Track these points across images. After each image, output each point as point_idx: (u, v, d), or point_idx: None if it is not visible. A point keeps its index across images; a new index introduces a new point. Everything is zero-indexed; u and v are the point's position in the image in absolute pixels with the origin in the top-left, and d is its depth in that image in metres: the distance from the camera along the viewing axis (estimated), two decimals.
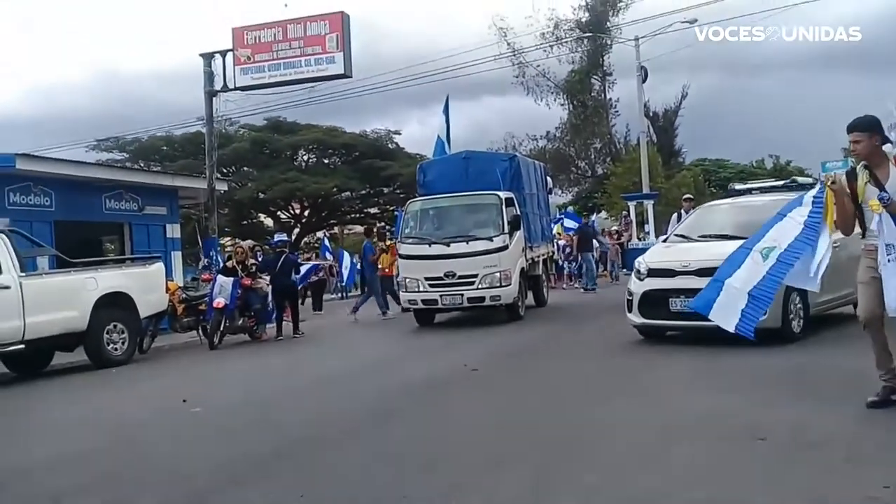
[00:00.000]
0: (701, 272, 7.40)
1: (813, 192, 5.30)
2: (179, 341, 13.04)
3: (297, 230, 37.74)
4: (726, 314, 5.48)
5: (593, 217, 27.90)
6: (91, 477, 4.86)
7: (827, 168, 37.60)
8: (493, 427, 5.48)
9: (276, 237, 15.46)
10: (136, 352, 11.17)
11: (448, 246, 12.22)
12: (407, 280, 12.69)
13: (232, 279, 12.27)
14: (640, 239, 28.42)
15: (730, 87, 64.69)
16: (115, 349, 10.71)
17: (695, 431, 4.90)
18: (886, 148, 5.07)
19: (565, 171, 41.11)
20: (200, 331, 12.91)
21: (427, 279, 12.27)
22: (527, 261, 13.45)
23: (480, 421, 5.69)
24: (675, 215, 14.84)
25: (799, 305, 8.11)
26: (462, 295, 12.13)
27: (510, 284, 12.19)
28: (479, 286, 12.04)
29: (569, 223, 23.27)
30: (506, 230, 12.26)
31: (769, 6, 24.86)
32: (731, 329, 5.48)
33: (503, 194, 12.78)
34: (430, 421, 5.90)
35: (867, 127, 4.99)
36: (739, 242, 6.70)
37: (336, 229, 41.51)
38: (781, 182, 10.12)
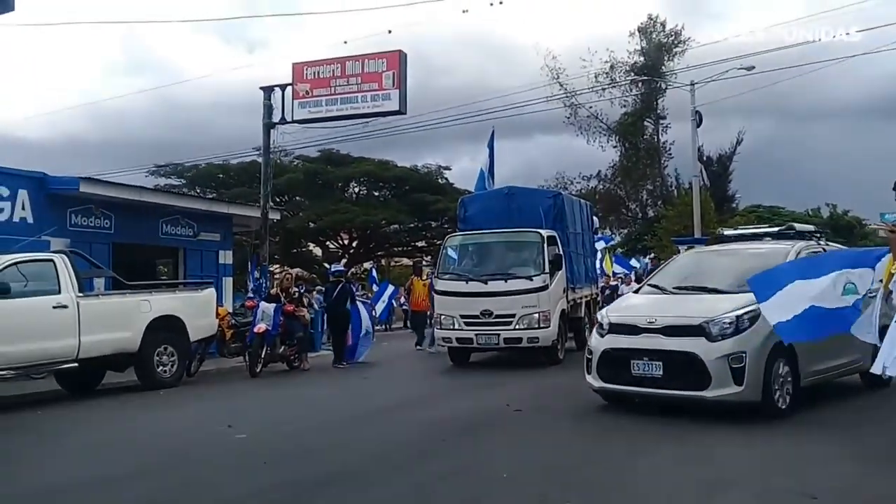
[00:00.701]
0: (668, 331, 6.91)
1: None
2: (226, 366, 13.22)
3: (344, 260, 38.16)
4: (782, 309, 5.68)
5: (645, 259, 27.40)
6: (133, 500, 4.94)
7: (886, 218, 36.70)
8: (536, 468, 5.42)
9: (334, 267, 15.62)
10: (184, 375, 11.37)
11: (486, 283, 11.91)
12: (442, 317, 12.34)
13: (274, 305, 12.38)
14: None
15: (786, 133, 63.90)
16: (165, 371, 10.92)
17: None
18: None
19: (615, 212, 40.85)
20: (247, 356, 13.08)
21: (463, 317, 11.94)
22: (568, 302, 12.99)
23: (523, 461, 5.63)
24: None
25: (785, 373, 6.78)
26: (499, 335, 11.77)
27: (549, 326, 11.79)
28: (517, 326, 11.68)
29: (617, 268, 22.82)
30: (546, 269, 11.91)
31: (824, 56, 24.49)
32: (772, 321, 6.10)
33: (545, 232, 12.40)
34: (472, 459, 5.86)
35: None
36: (719, 298, 7.16)
37: (383, 261, 41.82)
38: (776, 228, 9.12)
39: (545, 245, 12.14)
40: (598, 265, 18.41)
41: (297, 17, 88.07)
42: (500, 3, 20.97)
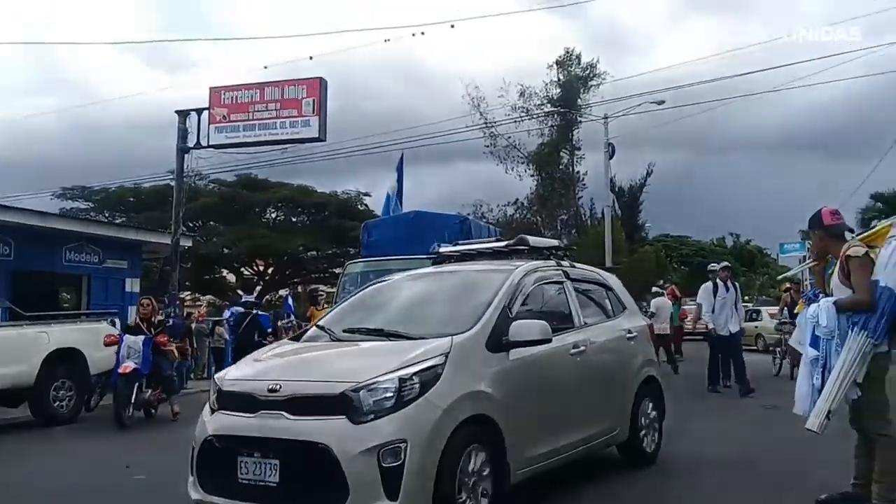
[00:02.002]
0: (294, 405, 4.28)
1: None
2: None
3: (259, 287, 37.43)
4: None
5: None
6: None
7: (785, 249, 38.65)
8: None
9: (244, 298, 15.26)
10: (82, 410, 10.88)
11: None
12: None
13: (142, 338, 10.43)
14: None
15: (695, 165, 66.90)
16: (62, 406, 10.44)
17: None
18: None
19: None
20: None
21: None
22: None
23: None
24: (706, 286, 12.52)
25: (478, 469, 4.47)
26: None
27: None
28: None
29: None
30: None
31: (734, 92, 25.80)
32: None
33: None
34: None
35: (809, 225, 5.17)
36: (396, 347, 4.77)
37: (300, 288, 41.21)
38: (504, 243, 6.74)
39: None
40: None
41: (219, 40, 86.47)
42: (423, 34, 21.27)
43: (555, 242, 7.35)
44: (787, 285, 16.16)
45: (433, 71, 69.82)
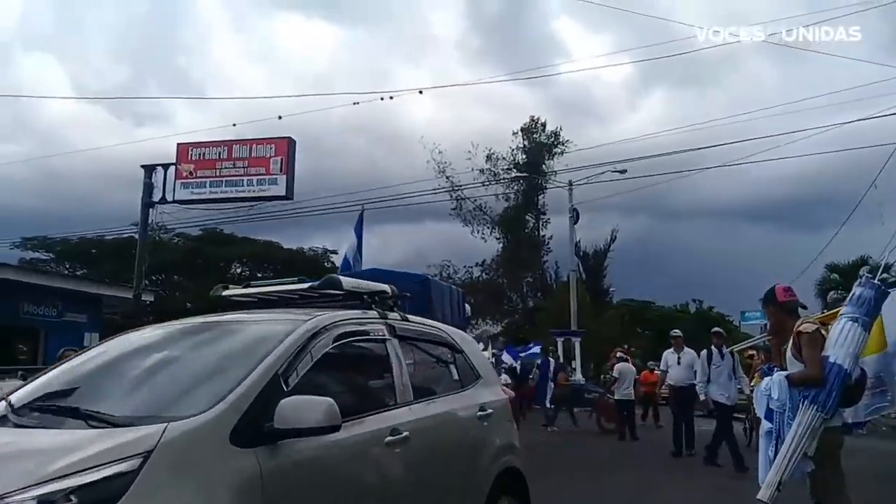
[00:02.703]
0: None
1: None
2: None
3: None
4: None
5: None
6: None
7: (746, 317, 39.35)
8: None
9: None
10: None
11: None
12: None
13: None
14: (568, 375, 28.68)
15: (658, 231, 68.18)
16: None
17: None
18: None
19: (497, 301, 41.74)
20: None
21: None
22: None
23: None
24: (669, 352, 13.09)
25: None
26: None
27: None
28: None
29: (506, 359, 22.39)
30: None
31: (695, 163, 26.55)
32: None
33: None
34: None
35: (763, 301, 5.34)
36: (79, 437, 2.92)
37: None
38: (307, 285, 4.89)
39: None
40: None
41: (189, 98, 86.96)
42: (391, 98, 21.73)
43: (384, 287, 4.99)
44: (751, 352, 16.24)
45: (401, 132, 70.82)
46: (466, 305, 16.58)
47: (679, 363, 12.65)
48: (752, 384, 10.26)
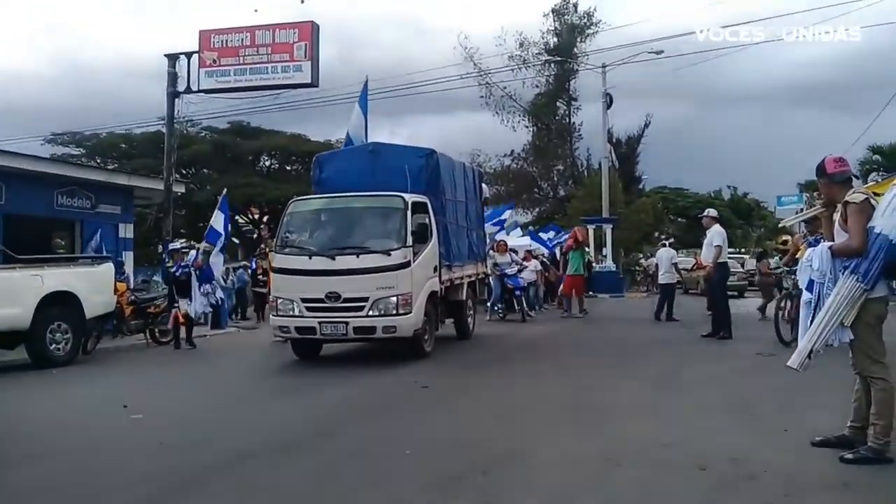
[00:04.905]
0: None
1: None
2: (126, 344, 12.74)
3: (255, 235, 37.32)
4: None
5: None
6: (18, 486, 4.68)
7: (783, 202, 38.56)
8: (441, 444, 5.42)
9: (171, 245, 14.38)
10: (79, 353, 10.90)
11: (333, 259, 9.64)
12: (279, 301, 9.94)
13: None
14: (597, 263, 28.73)
15: (693, 117, 66.38)
16: (58, 349, 10.43)
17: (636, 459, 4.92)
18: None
19: (528, 191, 41.47)
20: (148, 334, 12.70)
21: (304, 301, 9.66)
22: (442, 283, 10.85)
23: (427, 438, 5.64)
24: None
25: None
26: (347, 323, 9.53)
27: (411, 312, 9.61)
28: (370, 313, 9.50)
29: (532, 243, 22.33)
30: (409, 242, 9.77)
31: (735, 43, 25.35)
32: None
33: (411, 197, 10.19)
34: (378, 437, 5.83)
35: (816, 174, 5.12)
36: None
37: None
38: None
39: (409, 212, 9.96)
40: (488, 240, 16.78)
41: None
42: None
43: None
44: (785, 237, 16.10)
45: (429, 19, 68.67)
46: (484, 186, 15.93)
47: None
48: (797, 257, 10.08)
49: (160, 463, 5.08)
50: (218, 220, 13.69)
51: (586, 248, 21.57)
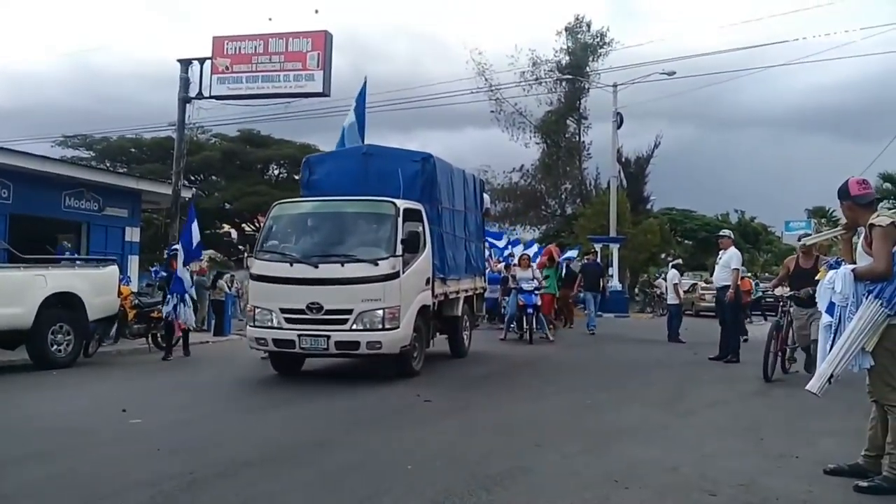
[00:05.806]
0: None
1: None
2: (128, 348, 12.66)
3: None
4: None
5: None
6: (12, 490, 4.59)
7: (790, 227, 38.47)
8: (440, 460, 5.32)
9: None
10: (80, 355, 10.82)
11: (315, 267, 9.01)
12: (257, 311, 9.27)
13: None
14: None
15: (703, 139, 66.44)
16: (59, 350, 10.36)
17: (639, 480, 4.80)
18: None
19: (535, 208, 41.37)
20: (150, 339, 12.62)
21: (284, 311, 9.05)
22: (435, 297, 10.26)
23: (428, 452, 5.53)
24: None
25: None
26: (329, 337, 8.87)
27: (398, 327, 8.98)
28: (354, 326, 8.88)
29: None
30: (398, 252, 9.15)
31: (745, 66, 25.36)
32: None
33: (403, 203, 9.62)
34: (378, 449, 5.73)
35: (838, 196, 5.01)
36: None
37: None
38: None
39: (400, 219, 9.36)
40: (486, 253, 16.06)
41: None
42: None
43: None
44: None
45: (443, 33, 69.01)
46: (485, 195, 15.11)
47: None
48: (817, 279, 9.68)
49: (158, 468, 4.98)
50: (190, 229, 13.42)
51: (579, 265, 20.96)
